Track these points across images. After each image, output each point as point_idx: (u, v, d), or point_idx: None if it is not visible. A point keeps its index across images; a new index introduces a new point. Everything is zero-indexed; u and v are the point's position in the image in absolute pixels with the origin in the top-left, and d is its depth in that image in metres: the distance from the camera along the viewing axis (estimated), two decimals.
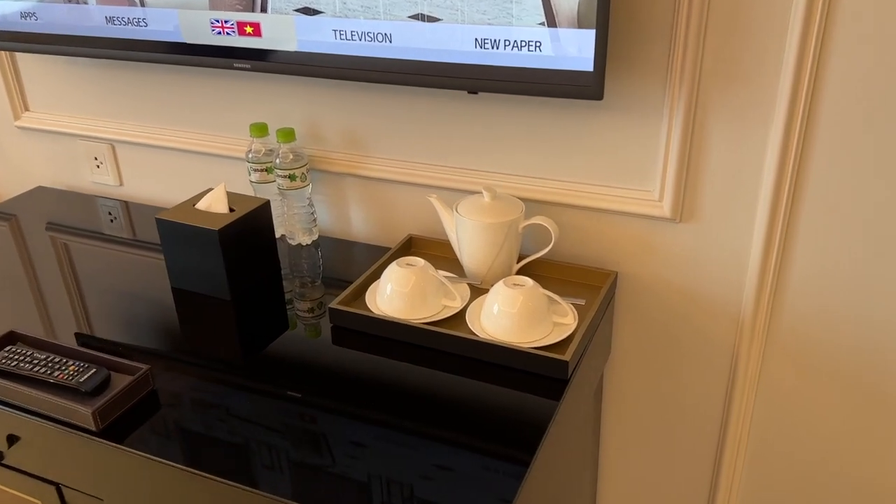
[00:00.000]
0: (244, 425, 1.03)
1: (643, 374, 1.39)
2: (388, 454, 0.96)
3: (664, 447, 1.45)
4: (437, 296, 1.20)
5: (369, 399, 1.06)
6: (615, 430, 1.48)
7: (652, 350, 1.35)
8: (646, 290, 1.31)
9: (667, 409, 1.40)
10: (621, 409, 1.45)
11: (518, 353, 1.09)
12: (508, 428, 1.00)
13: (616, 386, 1.43)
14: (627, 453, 1.50)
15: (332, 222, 1.53)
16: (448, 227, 1.29)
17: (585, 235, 1.31)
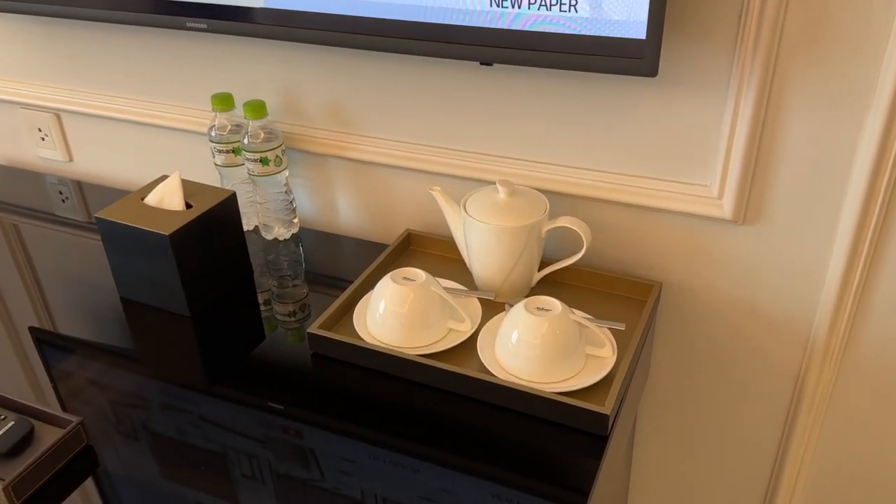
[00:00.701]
0: (214, 483, 0.81)
1: (684, 401, 1.17)
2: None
3: (709, 481, 1.24)
4: (442, 317, 0.97)
5: (355, 428, 0.85)
6: (650, 461, 1.27)
7: (697, 373, 1.13)
8: (694, 304, 1.08)
9: (712, 441, 1.19)
10: (657, 440, 1.24)
11: (542, 400, 0.86)
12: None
13: (651, 414, 1.21)
14: (662, 489, 1.29)
15: (316, 211, 1.29)
16: (454, 227, 1.05)
17: (624, 238, 1.07)
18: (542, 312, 0.90)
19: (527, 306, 0.91)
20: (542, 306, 0.91)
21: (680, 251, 1.05)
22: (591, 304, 1.03)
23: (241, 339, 1.06)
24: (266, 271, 1.19)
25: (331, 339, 0.96)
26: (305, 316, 1.11)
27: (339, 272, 1.21)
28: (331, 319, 1.00)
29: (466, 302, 1.02)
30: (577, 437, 0.86)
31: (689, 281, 1.07)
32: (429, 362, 0.91)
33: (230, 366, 1.01)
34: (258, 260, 1.21)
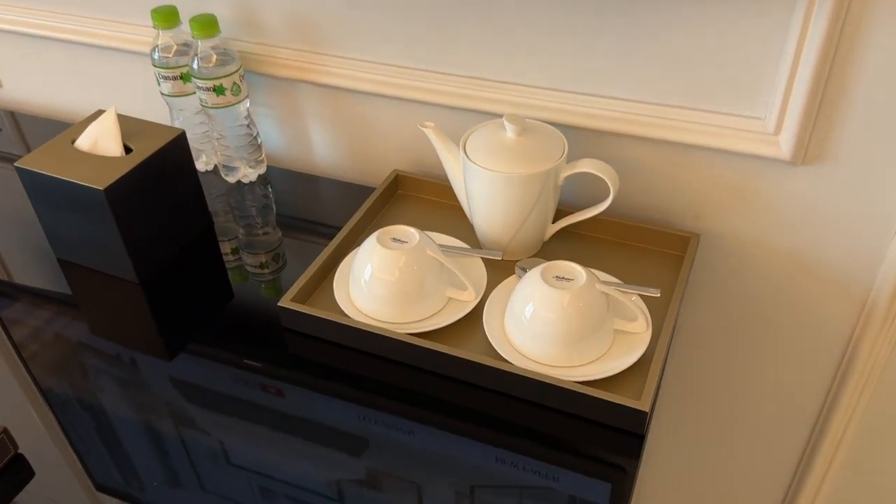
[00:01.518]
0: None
1: (715, 360, 1.02)
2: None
3: (732, 461, 1.11)
4: (440, 285, 0.80)
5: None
6: (666, 438, 1.13)
7: (733, 330, 0.98)
8: (733, 258, 0.92)
9: (744, 404, 1.05)
10: (676, 411, 1.10)
11: (563, 392, 0.71)
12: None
13: (673, 382, 1.06)
14: (679, 470, 1.16)
15: (286, 147, 1.10)
16: (451, 172, 0.87)
17: (656, 181, 0.90)
18: (563, 283, 0.74)
19: (543, 275, 0.74)
20: (563, 274, 0.75)
21: (722, 197, 0.88)
22: (613, 261, 0.87)
23: (203, 305, 0.90)
24: (231, 219, 1.02)
25: (305, 315, 0.80)
26: (280, 266, 0.95)
27: (317, 217, 1.03)
28: (307, 288, 0.83)
29: (468, 263, 0.85)
30: (606, 435, 0.71)
31: (729, 231, 0.90)
32: (424, 343, 0.75)
33: (191, 335, 0.84)
34: (220, 206, 1.04)
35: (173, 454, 0.73)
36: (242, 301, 0.91)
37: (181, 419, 0.77)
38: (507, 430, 0.73)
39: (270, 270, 0.96)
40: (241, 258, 0.97)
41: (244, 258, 0.97)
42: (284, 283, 0.91)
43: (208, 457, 0.73)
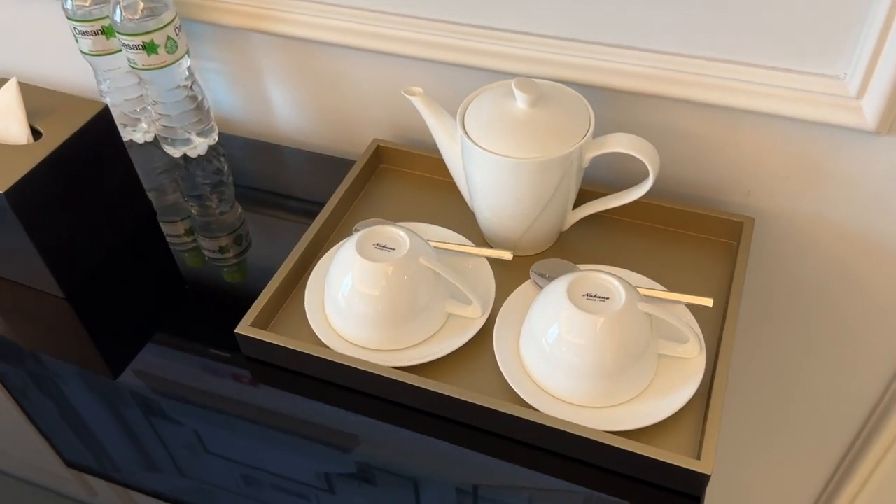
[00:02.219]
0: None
1: (764, 352, 0.88)
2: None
3: (782, 442, 0.98)
4: (437, 299, 0.64)
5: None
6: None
7: (786, 317, 0.82)
8: (793, 237, 0.75)
9: (790, 406, 0.91)
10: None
11: (598, 446, 0.56)
12: None
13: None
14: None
15: (242, 109, 0.91)
16: (447, 152, 0.70)
17: (701, 150, 0.72)
18: (596, 303, 0.58)
19: (571, 293, 0.58)
20: (596, 292, 0.58)
21: (781, 170, 0.71)
22: (645, 252, 0.71)
23: (149, 306, 0.73)
24: (181, 199, 0.84)
25: (268, 344, 0.63)
26: (243, 249, 0.79)
27: (284, 191, 0.86)
28: (271, 305, 0.66)
29: (471, 265, 0.69)
30: (650, 494, 0.57)
31: (787, 210, 0.74)
32: (418, 382, 0.59)
33: (137, 341, 0.69)
34: (167, 181, 0.86)
35: (147, 443, 0.64)
36: (202, 290, 0.76)
37: (151, 410, 0.66)
38: (519, 486, 0.59)
39: (234, 254, 0.79)
40: (196, 240, 0.81)
41: (200, 242, 0.80)
42: (252, 267, 0.77)
43: (184, 445, 0.63)
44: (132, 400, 0.66)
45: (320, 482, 0.61)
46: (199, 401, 0.66)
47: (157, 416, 0.65)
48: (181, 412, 0.66)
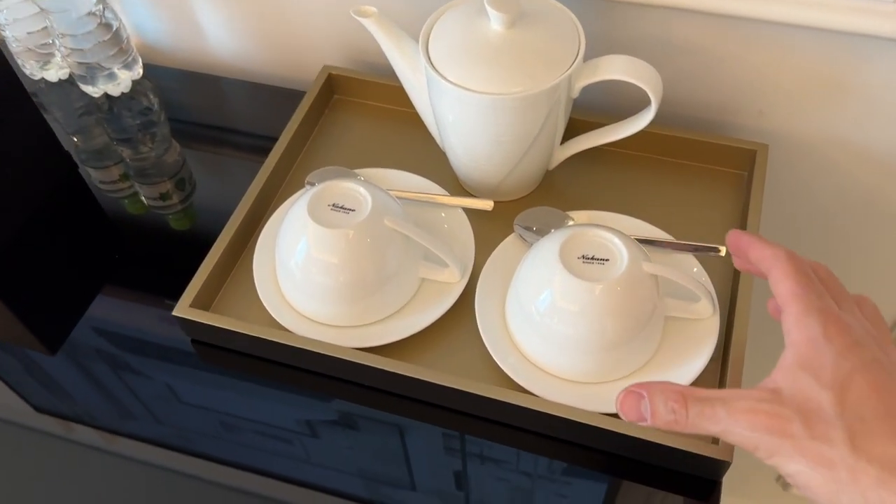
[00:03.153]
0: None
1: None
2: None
3: None
4: (408, 263, 0.55)
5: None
6: None
7: (802, 245, 0.74)
8: (813, 162, 0.66)
9: None
10: None
11: (600, 433, 0.49)
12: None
13: None
14: None
15: (170, 36, 0.78)
16: (410, 84, 0.58)
17: (707, 66, 0.62)
18: (594, 266, 0.49)
19: (564, 255, 0.49)
20: (593, 253, 0.50)
21: (799, 87, 0.61)
22: (643, 189, 0.62)
23: (85, 279, 0.64)
24: (109, 143, 0.73)
25: (213, 328, 0.54)
26: (187, 194, 0.69)
27: (226, 130, 0.75)
28: (215, 277, 0.57)
29: (444, 214, 0.59)
30: (663, 477, 0.50)
31: (808, 133, 0.64)
32: (386, 365, 0.51)
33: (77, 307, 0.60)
34: (90, 127, 0.74)
35: (118, 394, 0.58)
36: (149, 243, 0.67)
37: (118, 365, 0.59)
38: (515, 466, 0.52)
39: (178, 199, 0.69)
40: (133, 186, 0.71)
41: (139, 190, 0.70)
42: (200, 210, 0.68)
43: (157, 396, 0.57)
44: (95, 356, 0.59)
45: (302, 428, 0.54)
46: (166, 355, 0.58)
47: (123, 370, 0.58)
48: (148, 367, 0.58)
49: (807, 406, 0.36)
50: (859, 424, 0.35)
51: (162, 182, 0.71)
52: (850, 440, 0.34)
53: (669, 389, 0.39)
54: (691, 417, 0.38)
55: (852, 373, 0.36)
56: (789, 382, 0.37)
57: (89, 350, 0.59)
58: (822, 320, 0.37)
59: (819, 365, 0.37)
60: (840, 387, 0.36)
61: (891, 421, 0.35)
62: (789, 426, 0.36)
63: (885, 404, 0.35)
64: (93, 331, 0.60)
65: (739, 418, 0.37)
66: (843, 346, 0.37)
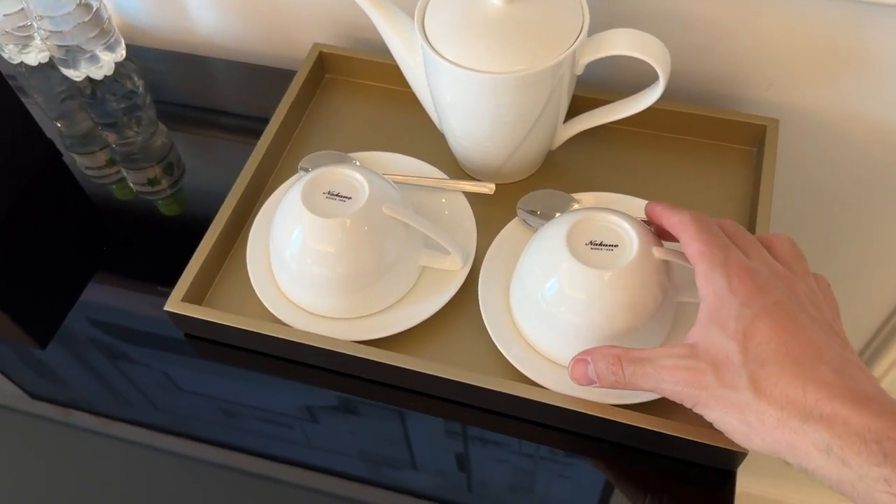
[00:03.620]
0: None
1: None
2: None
3: None
4: (408, 251, 0.52)
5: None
6: None
7: (813, 231, 0.73)
8: (823, 136, 0.64)
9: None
10: None
11: (612, 425, 0.47)
12: None
13: None
14: None
15: (150, 14, 0.74)
16: (406, 63, 0.56)
17: (714, 37, 0.60)
18: (603, 252, 0.47)
19: (571, 240, 0.47)
20: (601, 238, 0.48)
21: (808, 58, 0.59)
22: (651, 166, 0.60)
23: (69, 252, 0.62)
24: (94, 128, 0.71)
25: (206, 322, 0.52)
26: (176, 179, 0.67)
27: (214, 112, 0.73)
28: (207, 269, 0.55)
29: (444, 200, 0.57)
30: (676, 468, 0.48)
31: (819, 105, 0.62)
32: (391, 360, 0.49)
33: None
34: (74, 112, 0.72)
35: (115, 382, 0.56)
36: (140, 230, 0.65)
37: (114, 355, 0.57)
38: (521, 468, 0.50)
39: (167, 184, 0.67)
40: (120, 171, 0.68)
41: (126, 176, 0.68)
42: (190, 194, 0.66)
43: (155, 384, 0.56)
44: (88, 345, 0.57)
45: (302, 413, 0.53)
46: (160, 344, 0.56)
47: (116, 359, 0.57)
48: (141, 355, 0.57)
49: (717, 357, 0.39)
50: (760, 370, 0.37)
51: (150, 167, 0.68)
52: (752, 385, 0.37)
53: (608, 354, 0.43)
54: (628, 377, 0.42)
55: (754, 320, 0.38)
56: (703, 336, 0.40)
57: (81, 339, 0.58)
58: (726, 273, 0.40)
59: (725, 316, 0.39)
60: (743, 335, 0.38)
61: (789, 362, 0.37)
62: (703, 378, 0.39)
63: (785, 346, 0.37)
64: (84, 320, 0.58)
65: (664, 375, 0.40)
66: (745, 296, 0.39)
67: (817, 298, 0.41)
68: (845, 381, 0.36)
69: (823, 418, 0.35)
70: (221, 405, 0.54)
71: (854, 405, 0.35)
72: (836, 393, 0.35)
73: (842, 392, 0.35)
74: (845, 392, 0.35)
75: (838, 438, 0.34)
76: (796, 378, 0.36)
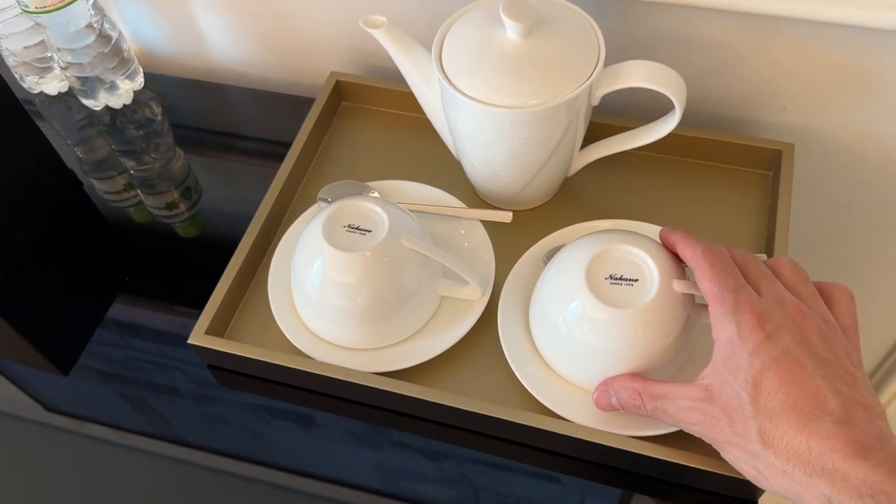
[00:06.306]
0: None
1: None
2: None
3: None
4: (427, 282, 0.53)
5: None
6: None
7: (830, 255, 0.73)
8: (838, 158, 0.64)
9: None
10: None
11: (633, 457, 0.47)
12: None
13: None
14: None
15: (171, 43, 0.75)
16: (423, 95, 0.56)
17: (728, 63, 0.60)
18: (623, 287, 0.47)
19: (590, 275, 0.47)
20: (621, 273, 0.48)
21: (822, 81, 0.59)
22: (667, 191, 0.60)
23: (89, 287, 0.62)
24: (113, 153, 0.72)
25: (228, 355, 0.53)
26: (194, 202, 0.68)
27: (232, 136, 0.74)
28: (229, 300, 0.55)
29: (462, 231, 0.58)
30: (697, 499, 0.49)
31: (833, 128, 0.62)
32: (413, 392, 0.49)
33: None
34: (92, 138, 0.73)
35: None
36: (163, 257, 0.66)
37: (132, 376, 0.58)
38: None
39: (185, 208, 0.68)
40: (139, 196, 0.70)
41: (145, 201, 0.69)
42: (208, 215, 0.67)
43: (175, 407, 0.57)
44: (109, 368, 0.58)
45: (320, 441, 0.54)
46: (182, 367, 0.57)
47: (139, 383, 0.58)
48: (164, 377, 0.58)
49: (730, 405, 0.40)
50: (768, 422, 0.38)
51: (168, 191, 0.69)
52: (761, 437, 0.39)
53: (629, 387, 0.45)
54: (650, 412, 0.44)
55: (763, 370, 0.39)
56: (716, 380, 0.41)
57: (103, 362, 0.59)
58: (737, 319, 0.40)
59: (736, 365, 0.40)
60: (753, 385, 0.39)
61: (795, 414, 0.38)
62: (718, 423, 0.41)
63: (791, 396, 0.38)
64: (106, 345, 0.59)
65: (682, 415, 0.42)
66: (755, 344, 0.39)
67: (827, 331, 0.41)
68: (847, 431, 0.36)
69: (825, 472, 0.36)
70: (240, 429, 0.55)
71: (853, 459, 0.36)
72: (837, 446, 0.36)
73: (843, 445, 0.36)
74: (846, 445, 0.36)
75: (838, 493, 0.36)
76: (801, 431, 0.37)
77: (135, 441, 0.54)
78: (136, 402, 0.57)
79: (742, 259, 0.44)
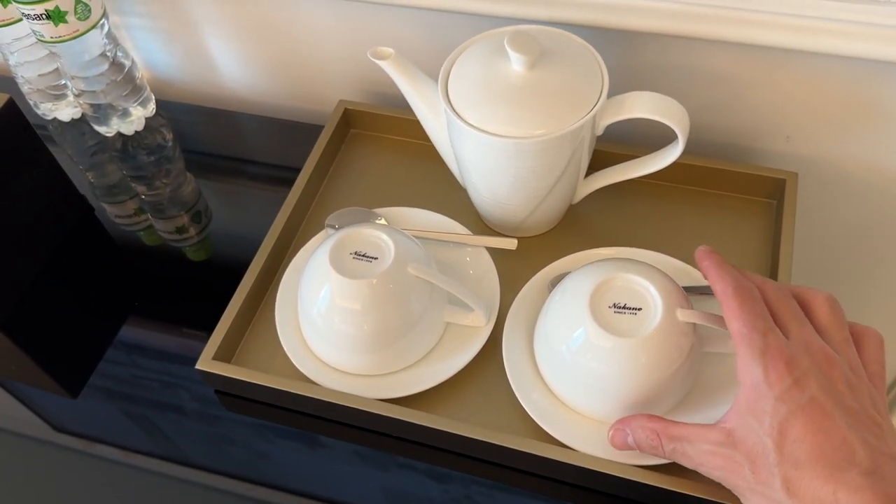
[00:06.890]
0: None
1: None
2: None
3: None
4: (433, 309, 0.53)
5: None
6: None
7: (833, 283, 0.73)
8: (842, 188, 0.65)
9: None
10: None
11: (646, 488, 0.47)
12: None
13: None
14: None
15: (182, 70, 0.77)
16: (430, 125, 0.57)
17: (734, 94, 0.61)
18: (626, 316, 0.48)
19: (594, 303, 0.48)
20: (625, 301, 0.48)
21: (827, 111, 0.59)
22: (671, 219, 0.61)
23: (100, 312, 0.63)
24: (124, 178, 0.73)
25: (236, 381, 0.53)
26: (203, 226, 0.69)
27: (242, 162, 0.75)
28: (237, 326, 0.56)
29: (468, 258, 0.58)
30: None
31: (838, 157, 0.63)
32: (418, 419, 0.50)
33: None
34: (104, 163, 0.74)
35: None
36: (165, 281, 0.66)
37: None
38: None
39: (195, 232, 0.69)
40: (149, 219, 0.71)
41: (155, 225, 0.70)
42: (217, 239, 0.68)
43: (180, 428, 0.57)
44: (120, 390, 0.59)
45: (325, 467, 0.54)
46: (189, 391, 0.58)
47: (148, 406, 0.58)
48: (171, 399, 0.58)
49: (753, 451, 0.39)
50: (794, 471, 0.38)
51: (178, 216, 0.70)
52: (785, 486, 0.38)
53: (646, 427, 0.44)
54: (668, 453, 0.43)
55: (789, 417, 0.38)
56: (740, 425, 0.40)
57: (112, 382, 0.59)
58: (764, 363, 0.40)
59: (761, 410, 0.39)
60: (778, 432, 0.38)
61: (822, 464, 0.37)
62: (741, 470, 0.40)
63: (818, 445, 0.38)
64: (116, 364, 0.60)
65: (703, 460, 0.41)
66: (781, 390, 0.39)
67: (854, 379, 0.40)
68: (875, 483, 0.36)
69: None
70: (246, 450, 0.55)
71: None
72: (865, 499, 0.36)
73: (872, 498, 0.36)
74: (874, 498, 0.36)
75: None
76: (828, 482, 0.37)
77: (142, 461, 0.55)
78: (143, 423, 0.58)
79: (774, 296, 0.43)
